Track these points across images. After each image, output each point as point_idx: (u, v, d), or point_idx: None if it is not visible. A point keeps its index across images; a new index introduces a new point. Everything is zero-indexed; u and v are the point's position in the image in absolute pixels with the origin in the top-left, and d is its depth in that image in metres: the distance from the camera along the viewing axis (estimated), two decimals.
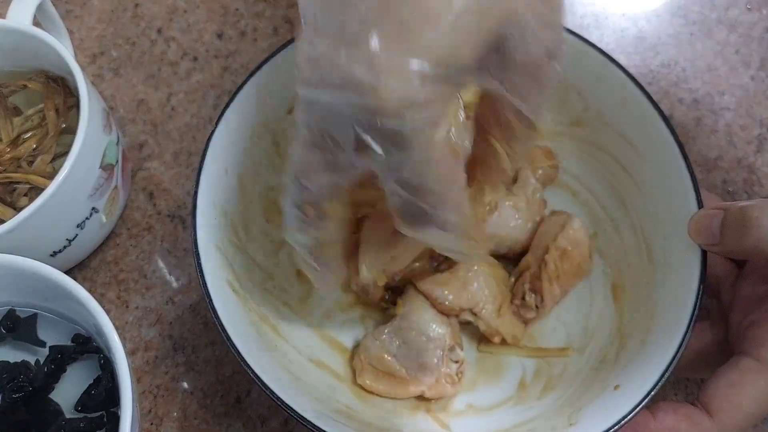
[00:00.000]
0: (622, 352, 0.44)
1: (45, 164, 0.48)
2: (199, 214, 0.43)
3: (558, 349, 0.47)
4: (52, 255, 0.47)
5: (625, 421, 0.38)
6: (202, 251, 0.42)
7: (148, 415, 0.48)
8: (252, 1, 0.63)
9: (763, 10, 0.64)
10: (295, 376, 0.44)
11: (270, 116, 0.49)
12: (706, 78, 0.61)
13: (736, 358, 0.38)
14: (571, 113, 0.50)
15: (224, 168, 0.46)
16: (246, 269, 0.47)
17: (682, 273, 0.42)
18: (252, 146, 0.48)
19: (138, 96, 0.59)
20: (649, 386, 0.38)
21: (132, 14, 0.62)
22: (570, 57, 0.47)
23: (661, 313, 0.43)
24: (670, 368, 0.39)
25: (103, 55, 0.61)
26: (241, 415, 0.48)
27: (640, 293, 0.45)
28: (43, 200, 0.42)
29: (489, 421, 0.44)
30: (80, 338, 0.44)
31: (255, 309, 0.45)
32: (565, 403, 0.43)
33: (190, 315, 0.51)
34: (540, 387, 0.46)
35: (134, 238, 0.54)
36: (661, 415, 0.38)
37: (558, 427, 0.41)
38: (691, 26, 0.63)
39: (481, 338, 0.47)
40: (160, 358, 0.50)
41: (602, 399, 0.41)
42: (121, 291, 0.52)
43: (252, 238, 0.48)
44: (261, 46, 0.61)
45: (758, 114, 0.59)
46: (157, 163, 0.56)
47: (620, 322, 0.46)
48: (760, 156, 0.58)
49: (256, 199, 0.49)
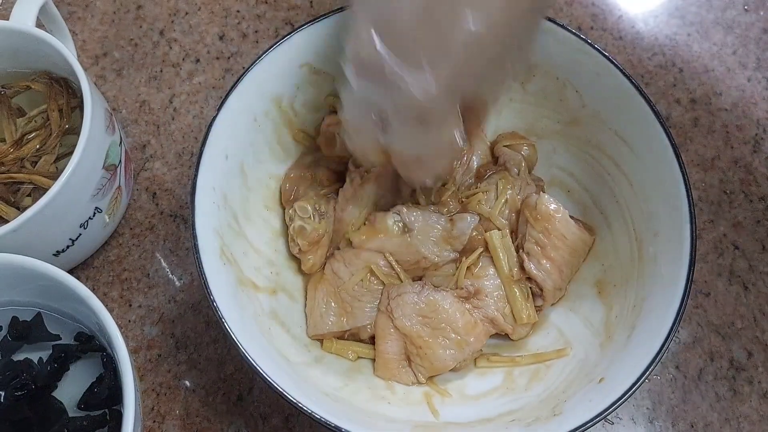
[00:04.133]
0: (608, 346, 0.45)
1: (48, 164, 0.48)
2: (198, 198, 0.43)
3: (556, 351, 0.47)
4: (55, 254, 0.47)
5: (606, 413, 0.38)
6: (200, 234, 0.42)
7: (150, 412, 0.49)
8: (253, 3, 0.64)
9: (760, 11, 0.64)
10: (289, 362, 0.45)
11: (272, 105, 0.49)
12: (704, 79, 0.61)
13: None
14: (569, 111, 0.51)
15: (224, 154, 0.46)
16: (244, 255, 0.47)
17: (669, 270, 0.43)
18: (254, 134, 0.49)
19: (140, 97, 0.59)
20: (633, 380, 0.39)
21: (134, 16, 0.63)
22: (569, 56, 0.48)
23: (647, 308, 0.43)
24: (654, 363, 0.39)
25: (106, 56, 0.61)
26: (243, 413, 0.49)
27: (629, 289, 0.46)
28: (46, 200, 0.42)
29: (476, 409, 0.45)
30: (83, 337, 0.44)
31: (250, 293, 0.46)
32: (551, 394, 0.44)
33: (192, 314, 0.52)
34: (527, 378, 0.46)
35: (137, 237, 0.54)
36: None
37: (542, 417, 0.41)
38: (689, 27, 0.63)
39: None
40: (163, 356, 0.50)
41: (586, 391, 0.42)
42: (124, 290, 0.52)
43: (251, 224, 0.49)
44: (262, 47, 0.62)
45: (755, 114, 0.60)
46: (159, 163, 0.57)
47: (607, 317, 0.47)
48: (757, 156, 0.58)
49: (255, 186, 0.50)
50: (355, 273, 0.48)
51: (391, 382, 0.47)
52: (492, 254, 0.47)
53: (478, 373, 0.48)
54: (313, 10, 0.63)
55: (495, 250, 0.47)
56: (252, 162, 0.49)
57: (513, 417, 0.43)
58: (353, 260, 0.48)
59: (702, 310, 0.53)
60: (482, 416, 0.44)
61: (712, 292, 0.54)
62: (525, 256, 0.47)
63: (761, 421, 0.50)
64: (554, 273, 0.47)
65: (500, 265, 0.47)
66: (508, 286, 0.47)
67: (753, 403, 0.50)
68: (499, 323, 0.46)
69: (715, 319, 0.53)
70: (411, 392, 0.46)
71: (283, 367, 0.42)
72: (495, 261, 0.47)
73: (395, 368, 0.46)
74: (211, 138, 0.45)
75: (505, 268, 0.47)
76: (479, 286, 0.47)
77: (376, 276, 0.47)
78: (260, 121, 0.49)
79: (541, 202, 0.47)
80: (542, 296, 0.47)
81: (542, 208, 0.47)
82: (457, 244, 0.47)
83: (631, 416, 0.50)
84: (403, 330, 0.45)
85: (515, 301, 0.46)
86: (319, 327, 0.47)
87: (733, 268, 0.54)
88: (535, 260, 0.46)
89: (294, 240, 0.48)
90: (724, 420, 0.50)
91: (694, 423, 0.50)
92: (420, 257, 0.47)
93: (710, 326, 0.53)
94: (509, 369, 0.47)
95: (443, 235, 0.47)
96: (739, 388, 0.51)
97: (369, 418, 0.42)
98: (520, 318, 0.46)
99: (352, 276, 0.48)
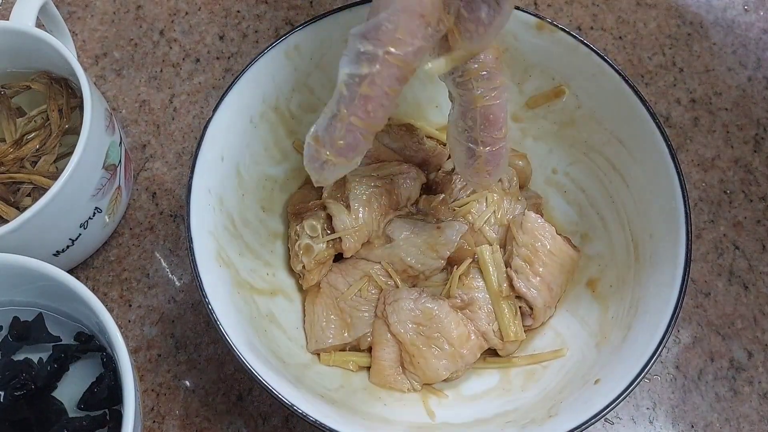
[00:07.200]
0: (604, 347, 0.45)
1: (48, 164, 0.48)
2: (193, 200, 0.43)
3: (552, 351, 0.47)
4: (55, 254, 0.48)
5: (602, 415, 0.38)
6: (195, 236, 0.42)
7: (150, 413, 0.49)
8: (253, 3, 0.64)
9: (760, 11, 0.64)
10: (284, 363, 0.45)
11: (268, 106, 0.49)
12: (704, 78, 0.61)
13: None
14: (565, 112, 0.51)
15: (220, 155, 0.46)
16: (240, 256, 0.47)
17: (665, 272, 0.43)
18: (249, 135, 0.49)
19: (140, 97, 0.59)
20: (628, 382, 0.39)
21: (134, 16, 0.63)
22: (564, 56, 0.48)
23: (643, 310, 0.43)
24: (649, 365, 0.39)
25: (106, 56, 0.61)
26: (243, 413, 0.49)
27: (625, 289, 0.46)
28: (46, 200, 0.43)
29: (472, 410, 0.45)
30: (83, 337, 0.44)
31: (246, 295, 0.46)
32: (547, 395, 0.44)
33: (192, 314, 0.52)
34: (523, 379, 0.46)
35: (137, 237, 0.54)
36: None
37: (538, 419, 0.41)
38: (689, 27, 0.63)
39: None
40: (163, 356, 0.50)
41: (582, 392, 0.42)
42: (124, 290, 0.53)
43: (248, 226, 0.49)
44: (262, 47, 0.61)
45: (755, 114, 0.60)
46: (159, 163, 0.57)
47: (603, 318, 0.47)
48: (758, 156, 0.58)
49: (252, 188, 0.50)
50: (353, 283, 0.48)
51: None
52: (482, 269, 0.47)
53: (475, 373, 0.48)
54: (313, 10, 0.63)
55: (485, 264, 0.47)
56: (248, 163, 0.49)
57: (509, 418, 0.43)
58: (351, 271, 0.48)
59: (702, 310, 0.53)
60: (478, 417, 0.44)
61: (712, 292, 0.54)
62: (513, 274, 0.46)
63: (761, 422, 0.50)
64: (544, 290, 0.46)
65: (490, 281, 0.47)
66: (497, 302, 0.46)
67: (753, 403, 0.50)
68: (489, 337, 0.46)
69: (715, 319, 0.53)
70: (407, 393, 0.46)
71: (279, 369, 0.42)
72: (485, 276, 0.47)
73: (391, 375, 0.46)
74: (206, 140, 0.45)
75: (495, 283, 0.47)
76: (472, 297, 0.47)
77: (374, 284, 0.47)
78: (256, 122, 0.49)
79: (528, 220, 0.47)
80: (532, 315, 0.47)
81: (528, 225, 0.47)
82: (444, 251, 0.47)
83: (631, 416, 0.50)
84: (398, 336, 0.45)
85: (502, 318, 0.46)
86: (320, 342, 0.47)
87: (733, 268, 0.54)
88: (524, 277, 0.46)
89: (298, 257, 0.48)
90: (724, 420, 0.50)
91: (694, 423, 0.50)
92: (405, 266, 0.47)
93: (710, 326, 0.53)
94: (505, 370, 0.47)
95: (429, 242, 0.47)
96: (739, 389, 0.51)
97: (365, 419, 0.42)
98: (507, 335, 0.46)
99: (351, 286, 0.48)
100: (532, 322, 0.47)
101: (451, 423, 0.44)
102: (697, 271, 0.54)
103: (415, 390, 0.46)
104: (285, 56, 0.48)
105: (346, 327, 0.47)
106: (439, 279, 0.49)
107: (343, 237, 0.47)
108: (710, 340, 0.52)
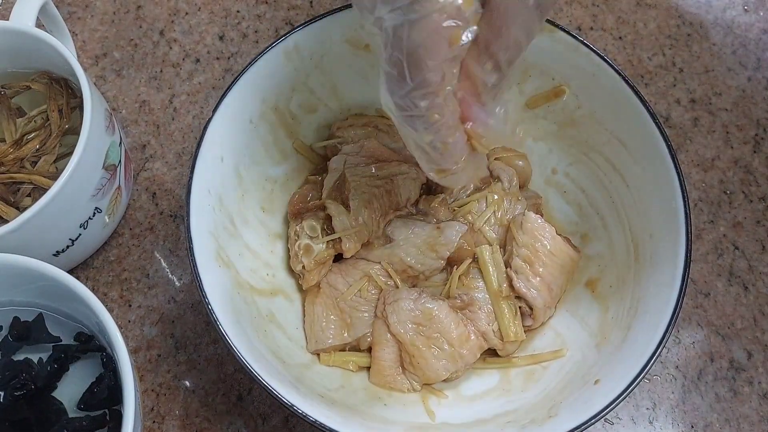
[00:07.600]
0: (604, 347, 0.45)
1: (48, 165, 0.48)
2: (193, 200, 0.43)
3: (552, 352, 0.47)
4: (55, 254, 0.48)
5: (602, 415, 0.38)
6: (194, 237, 0.42)
7: (150, 413, 0.49)
8: (253, 3, 0.64)
9: (760, 11, 0.64)
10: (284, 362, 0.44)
11: (267, 106, 0.49)
12: (704, 79, 0.61)
13: None
14: (565, 112, 0.51)
15: (220, 155, 0.46)
16: (240, 257, 0.47)
17: (665, 272, 0.43)
18: (249, 136, 0.49)
19: (140, 97, 0.59)
20: (628, 382, 0.39)
21: (134, 16, 0.63)
22: (564, 56, 0.48)
23: (643, 310, 0.43)
24: (649, 365, 0.39)
25: (106, 56, 0.61)
26: (243, 413, 0.49)
27: (625, 290, 0.46)
28: (46, 200, 0.43)
29: (472, 410, 0.45)
30: (83, 337, 0.44)
31: (246, 295, 0.46)
32: (547, 396, 0.44)
33: (192, 314, 0.52)
34: (523, 379, 0.46)
35: (137, 237, 0.54)
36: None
37: (538, 419, 0.42)
38: (689, 27, 0.63)
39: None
40: (162, 356, 0.50)
41: (582, 392, 0.42)
42: (124, 290, 0.53)
43: (247, 226, 0.49)
44: (262, 47, 0.61)
45: (755, 114, 0.60)
46: (159, 163, 0.57)
47: (603, 318, 0.47)
48: (757, 156, 0.58)
49: (252, 188, 0.50)
50: (353, 283, 0.48)
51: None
52: (482, 269, 0.47)
53: (475, 374, 0.48)
54: (313, 10, 0.63)
55: (485, 264, 0.47)
56: (248, 164, 0.49)
57: (509, 418, 0.43)
58: (350, 271, 0.48)
59: (702, 311, 0.53)
60: (478, 417, 0.44)
61: (712, 293, 0.54)
62: (513, 275, 0.46)
63: (761, 422, 0.50)
64: (544, 290, 0.46)
65: (489, 281, 0.47)
66: (497, 302, 0.46)
67: (753, 403, 0.50)
68: (489, 338, 0.46)
69: (715, 320, 0.53)
70: (407, 393, 0.46)
71: (279, 369, 0.42)
72: (485, 276, 0.47)
73: (390, 375, 0.46)
74: (206, 140, 0.45)
75: (495, 283, 0.47)
76: (472, 297, 0.47)
77: (374, 284, 0.47)
78: (256, 122, 0.49)
79: (528, 220, 0.47)
80: (532, 316, 0.47)
81: (528, 226, 0.47)
82: (444, 251, 0.47)
83: (631, 416, 0.50)
84: (398, 336, 0.45)
85: (502, 318, 0.46)
86: (320, 342, 0.47)
87: (733, 268, 0.54)
88: (524, 278, 0.46)
89: (298, 257, 0.48)
90: (724, 420, 0.50)
91: (694, 423, 0.50)
92: (405, 266, 0.47)
93: (710, 326, 0.53)
94: (505, 370, 0.47)
95: (428, 242, 0.47)
96: (739, 389, 0.51)
97: (365, 419, 0.42)
98: (507, 335, 0.46)
99: (350, 286, 0.48)
100: (532, 322, 0.47)
101: (451, 423, 0.44)
102: (697, 271, 0.54)
103: (414, 390, 0.46)
104: (285, 56, 0.48)
105: (345, 327, 0.47)
106: (439, 279, 0.49)
107: (342, 237, 0.47)
108: (710, 341, 0.52)
